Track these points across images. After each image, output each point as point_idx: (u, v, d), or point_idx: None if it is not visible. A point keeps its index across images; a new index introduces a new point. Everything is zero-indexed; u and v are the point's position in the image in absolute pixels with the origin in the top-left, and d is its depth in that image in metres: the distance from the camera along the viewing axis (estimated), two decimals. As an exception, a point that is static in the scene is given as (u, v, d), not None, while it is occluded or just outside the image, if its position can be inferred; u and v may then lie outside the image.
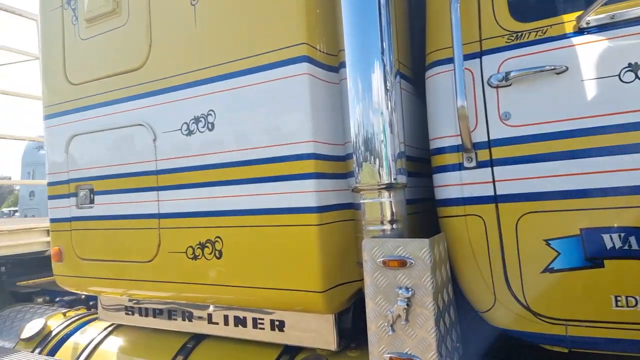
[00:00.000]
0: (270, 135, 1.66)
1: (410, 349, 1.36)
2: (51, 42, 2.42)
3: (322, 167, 1.59)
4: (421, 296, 1.35)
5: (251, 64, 1.71)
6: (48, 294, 3.71)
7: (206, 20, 1.84)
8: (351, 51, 1.55)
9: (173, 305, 2.15)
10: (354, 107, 1.54)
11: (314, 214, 1.56)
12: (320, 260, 1.56)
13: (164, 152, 1.96)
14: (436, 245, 1.43)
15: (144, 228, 2.02)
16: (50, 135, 2.44)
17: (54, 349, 2.48)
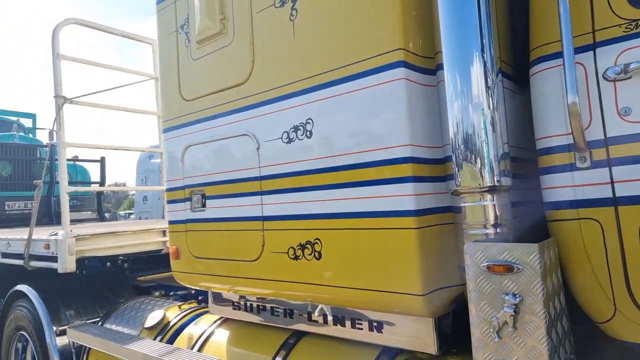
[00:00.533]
0: (367, 140, 1.70)
1: (519, 358, 1.31)
2: (168, 63, 2.72)
3: (419, 171, 1.60)
4: (530, 303, 1.29)
5: (347, 72, 1.77)
6: (163, 288, 4.12)
7: (304, 34, 1.95)
8: (449, 51, 1.54)
9: (275, 302, 2.28)
10: (452, 108, 1.53)
11: (412, 217, 1.57)
12: (420, 263, 1.56)
13: (266, 159, 2.10)
14: (546, 250, 1.36)
15: (249, 230, 2.18)
16: (167, 147, 2.74)
17: (172, 337, 2.76)
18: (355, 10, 1.76)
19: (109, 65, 4.20)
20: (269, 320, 2.33)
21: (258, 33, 2.17)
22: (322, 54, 1.87)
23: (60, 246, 3.35)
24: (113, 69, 4.30)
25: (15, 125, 9.24)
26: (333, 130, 1.83)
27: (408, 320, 1.76)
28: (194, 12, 2.49)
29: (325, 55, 1.86)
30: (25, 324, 3.76)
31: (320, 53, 1.88)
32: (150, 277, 4.43)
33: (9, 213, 7.10)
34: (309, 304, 2.11)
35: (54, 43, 3.59)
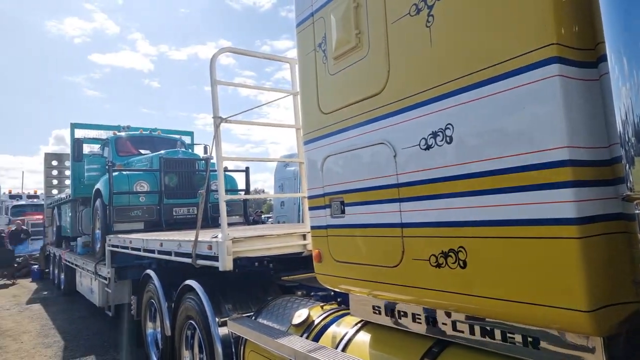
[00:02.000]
0: (517, 143, 1.61)
1: None
2: (307, 79, 2.93)
3: (581, 174, 1.46)
4: None
5: (491, 73, 1.70)
6: (305, 288, 4.40)
7: (441, 39, 1.93)
8: (612, 41, 1.38)
9: (416, 308, 2.28)
10: (619, 104, 1.36)
11: (574, 225, 1.44)
12: (585, 276, 1.42)
13: (404, 167, 2.13)
14: None
15: (388, 236, 2.23)
16: (308, 157, 2.94)
17: (317, 336, 2.94)
18: (499, 7, 1.68)
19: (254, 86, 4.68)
20: (410, 326, 2.34)
21: (393, 43, 2.21)
22: (462, 57, 1.83)
23: (220, 247, 3.83)
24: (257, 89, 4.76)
25: (179, 142, 10.83)
26: (476, 135, 1.77)
27: (570, 338, 1.60)
28: (331, 30, 2.65)
29: (466, 58, 1.81)
30: (194, 314, 4.37)
31: (460, 56, 1.84)
32: (292, 277, 4.77)
33: (176, 218, 8.33)
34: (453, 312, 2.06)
35: (212, 70, 4.12)
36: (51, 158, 14.11)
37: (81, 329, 8.04)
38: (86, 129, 11.31)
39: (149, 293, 5.76)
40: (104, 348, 6.84)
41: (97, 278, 7.70)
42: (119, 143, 9.91)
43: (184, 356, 4.72)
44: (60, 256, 11.59)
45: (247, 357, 3.56)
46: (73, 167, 10.24)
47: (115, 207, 7.66)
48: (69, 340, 7.40)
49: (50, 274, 13.61)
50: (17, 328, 8.28)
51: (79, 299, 10.00)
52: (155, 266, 6.00)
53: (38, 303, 10.76)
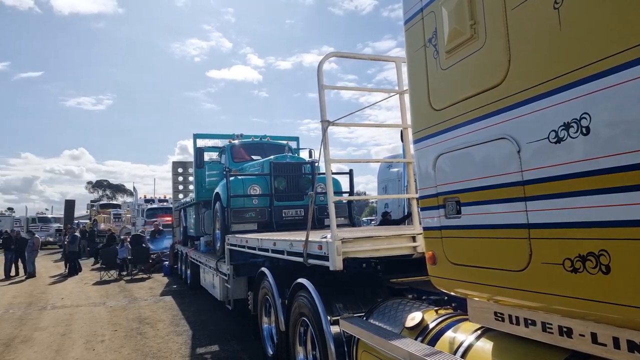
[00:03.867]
0: None
1: None
2: (417, 76, 2.87)
3: None
4: None
5: (632, 56, 1.50)
6: (416, 291, 4.31)
7: (573, 20, 1.76)
8: None
9: (546, 316, 2.09)
10: None
11: None
12: None
13: (530, 163, 1.97)
14: None
15: (512, 237, 2.08)
16: (419, 156, 2.88)
17: (432, 340, 2.85)
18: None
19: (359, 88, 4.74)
20: (539, 336, 2.15)
21: (514, 30, 2.07)
22: (600, 38, 1.64)
23: (330, 247, 3.92)
24: (363, 90, 4.82)
25: (286, 147, 11.39)
26: (615, 125, 1.58)
27: None
28: (443, 23, 2.57)
29: (605, 39, 1.62)
30: (306, 311, 4.54)
31: (597, 38, 1.65)
32: (402, 279, 4.70)
33: (285, 219, 8.75)
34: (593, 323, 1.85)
35: (319, 76, 4.26)
36: (177, 166, 15.79)
37: (205, 321, 8.84)
38: (206, 139, 12.46)
39: (264, 290, 6.13)
40: (226, 339, 7.43)
41: (218, 274, 8.42)
42: (234, 150, 10.73)
43: (298, 352, 4.93)
44: (186, 254, 12.89)
45: (360, 357, 3.58)
46: (196, 173, 11.35)
47: (232, 209, 8.30)
48: (195, 330, 8.19)
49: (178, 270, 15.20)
50: (153, 317, 9.40)
51: (203, 293, 11.01)
52: (268, 264, 6.37)
53: (169, 295, 12.08)
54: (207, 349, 6.99)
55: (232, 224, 8.29)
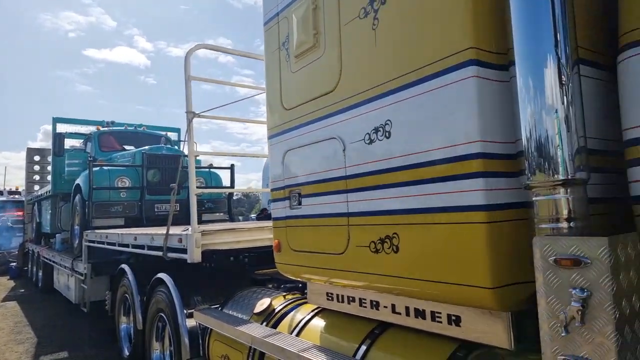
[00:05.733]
0: (441, 138, 1.77)
1: (586, 353, 1.26)
2: (272, 76, 3.07)
3: (491, 166, 1.62)
4: (599, 299, 1.25)
5: (421, 74, 1.86)
6: (276, 281, 4.54)
7: (384, 40, 2.09)
8: (520, 48, 1.55)
9: (363, 293, 2.43)
10: (524, 105, 1.53)
11: (483, 212, 1.60)
12: (490, 257, 1.58)
13: (351, 160, 2.28)
14: (622, 244, 1.29)
15: (337, 225, 2.38)
16: (271, 151, 3.08)
17: (276, 323, 3.07)
18: (428, 14, 1.85)
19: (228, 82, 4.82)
20: (357, 311, 2.48)
21: (345, 43, 2.37)
22: (400, 58, 1.99)
23: (189, 240, 3.94)
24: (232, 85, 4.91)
25: (163, 138, 10.87)
26: (409, 130, 1.93)
27: (484, 315, 1.76)
28: (293, 30, 2.80)
29: (402, 59, 1.97)
30: (164, 306, 4.47)
31: (398, 57, 2.00)
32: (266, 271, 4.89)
33: (158, 214, 8.36)
34: (394, 295, 2.21)
35: (186, 66, 4.25)
36: (33, 153, 14.02)
37: (55, 326, 8.02)
38: (69, 124, 11.29)
39: (123, 288, 5.83)
40: (77, 344, 6.86)
41: (74, 274, 7.72)
42: (102, 138, 9.91)
43: (154, 348, 4.81)
44: (38, 253, 11.52)
45: (212, 346, 3.67)
46: (54, 162, 10.22)
47: (94, 202, 7.68)
48: (42, 337, 7.39)
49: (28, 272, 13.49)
50: (-11, 325, 8.26)
51: (56, 297, 9.96)
52: (132, 261, 6.07)
53: (14, 301, 10.66)
54: (54, 356, 6.38)
55: (93, 219, 7.67)
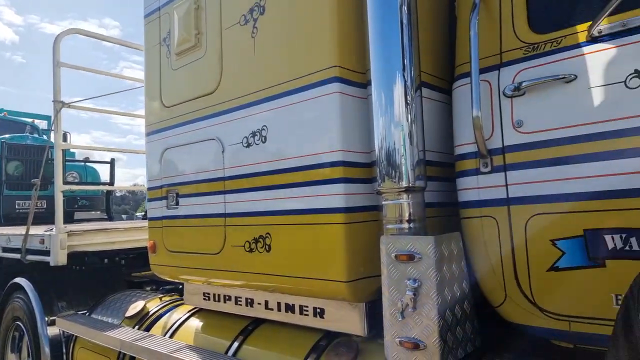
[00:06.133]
0: (308, 145, 1.93)
1: (416, 334, 1.51)
2: (152, 71, 2.98)
3: (350, 173, 1.82)
4: (427, 288, 1.50)
5: (294, 85, 2.00)
6: (155, 283, 4.36)
7: (262, 49, 2.19)
8: (375, 70, 1.76)
9: (239, 292, 2.50)
10: (377, 120, 1.74)
11: (341, 213, 1.79)
12: (346, 254, 1.77)
13: (229, 162, 2.34)
14: (445, 242, 1.56)
15: (214, 225, 2.41)
16: (149, 149, 2.99)
17: (149, 326, 2.99)
18: (300, 31, 2.00)
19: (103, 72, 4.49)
20: (233, 309, 2.55)
21: (226, 47, 2.41)
22: (276, 68, 2.11)
23: (53, 241, 3.61)
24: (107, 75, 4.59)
25: (29, 126, 9.60)
26: (282, 136, 2.06)
27: (343, 307, 1.97)
28: (174, 27, 2.75)
29: (278, 69, 2.09)
30: (21, 314, 4.01)
31: (274, 67, 2.12)
32: (144, 273, 4.67)
33: (19, 211, 7.39)
34: (267, 292, 2.33)
35: (55, 51, 3.88)
36: None
37: None
38: None
39: (-29, 295, 5.07)
40: None
41: None
42: (-53, 124, 8.47)
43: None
44: None
45: (77, 354, 3.42)
46: None
47: None
48: None
49: None
50: None
51: None
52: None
53: None
54: None
55: None
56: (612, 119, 1.38)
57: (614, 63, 1.40)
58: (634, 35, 1.39)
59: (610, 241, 1.35)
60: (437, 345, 1.46)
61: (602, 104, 1.41)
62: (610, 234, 1.35)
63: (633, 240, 1.31)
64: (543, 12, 1.65)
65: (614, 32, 1.43)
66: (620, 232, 1.34)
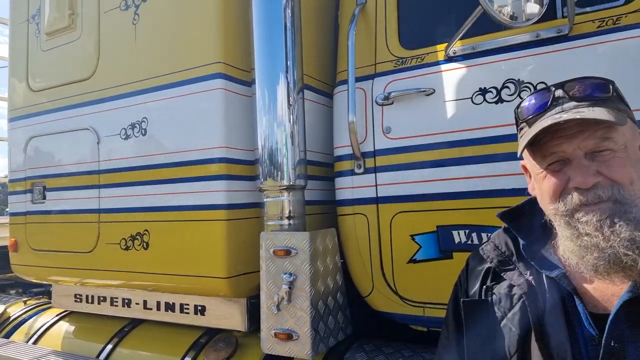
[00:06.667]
0: (191, 141, 1.89)
1: (290, 326, 1.59)
2: (18, 51, 2.66)
3: (232, 170, 1.83)
4: (301, 281, 1.58)
5: (177, 78, 1.95)
6: (21, 286, 3.92)
7: (143, 38, 2.09)
8: (259, 70, 1.79)
9: (115, 292, 2.36)
10: (260, 119, 1.78)
11: (222, 210, 1.80)
12: (226, 250, 1.79)
13: (105, 154, 2.19)
14: (320, 237, 1.66)
15: (87, 222, 2.25)
16: (12, 136, 2.67)
17: (9, 332, 2.68)
18: (184, 24, 1.95)
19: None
20: (109, 310, 2.40)
21: (104, 32, 2.25)
22: (158, 58, 2.03)
23: None
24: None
25: None
26: (164, 130, 2.00)
27: (224, 303, 1.97)
28: (45, 3, 2.48)
29: (160, 60, 2.02)
30: None
31: (156, 57, 2.03)
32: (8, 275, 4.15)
33: None
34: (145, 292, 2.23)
35: None
36: None
37: None
38: None
39: None
40: None
41: None
42: None
43: None
44: None
45: None
46: None
47: None
48: None
49: None
50: None
51: None
52: None
53: None
54: None
55: None
56: (461, 130, 1.59)
57: (464, 81, 1.61)
58: (480, 58, 1.62)
59: (457, 236, 1.56)
60: (309, 334, 1.55)
61: (453, 117, 1.61)
62: (457, 230, 1.56)
63: (474, 235, 1.53)
64: (411, 30, 1.83)
65: (465, 54, 1.65)
66: (464, 228, 1.55)
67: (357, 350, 1.73)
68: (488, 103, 1.56)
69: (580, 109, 0.86)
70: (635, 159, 0.86)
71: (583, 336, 0.83)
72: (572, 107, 0.87)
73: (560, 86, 0.91)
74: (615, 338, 0.79)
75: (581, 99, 0.88)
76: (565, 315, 0.85)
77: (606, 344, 0.79)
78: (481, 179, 1.54)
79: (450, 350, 1.05)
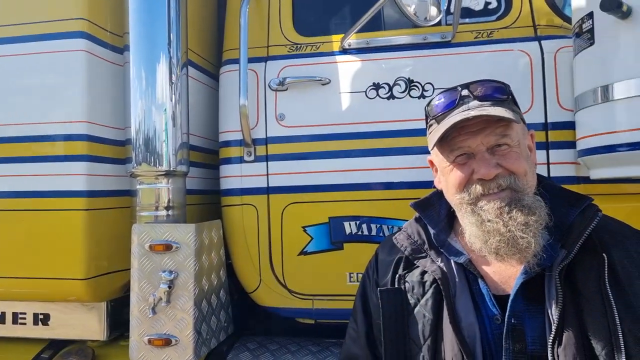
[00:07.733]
0: (41, 111, 1.54)
1: (168, 330, 1.40)
2: None
3: (96, 150, 1.54)
4: (184, 279, 1.41)
5: (31, 31, 1.56)
6: None
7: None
8: (135, 38, 1.54)
9: None
10: (135, 94, 1.53)
11: (82, 198, 1.50)
12: (85, 246, 1.50)
13: None
14: (206, 230, 1.50)
15: None
16: None
17: None
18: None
19: None
20: None
21: None
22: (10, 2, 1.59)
23: None
24: None
25: None
26: (9, 95, 1.58)
27: (76, 309, 1.65)
28: None
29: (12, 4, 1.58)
30: None
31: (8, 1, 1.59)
32: None
33: None
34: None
35: None
36: None
37: None
38: None
39: None
40: None
41: None
42: None
43: None
44: None
45: None
46: None
47: None
48: None
49: None
50: None
51: None
52: None
53: None
54: None
55: None
56: (355, 122, 1.60)
57: (358, 74, 1.63)
58: (374, 53, 1.65)
59: (348, 227, 1.57)
60: (191, 338, 1.39)
61: (348, 109, 1.61)
62: (349, 221, 1.57)
63: (364, 227, 1.56)
64: (306, 16, 1.77)
65: (360, 48, 1.66)
66: (355, 219, 1.57)
67: (240, 349, 1.61)
68: (381, 98, 1.60)
69: (484, 108, 0.93)
70: (526, 154, 0.97)
71: (487, 316, 0.90)
72: (476, 105, 0.94)
73: (465, 87, 0.97)
74: (515, 315, 0.87)
75: (484, 98, 0.96)
76: (472, 297, 0.92)
77: (508, 321, 0.87)
78: (373, 171, 1.57)
79: (358, 342, 1.04)
